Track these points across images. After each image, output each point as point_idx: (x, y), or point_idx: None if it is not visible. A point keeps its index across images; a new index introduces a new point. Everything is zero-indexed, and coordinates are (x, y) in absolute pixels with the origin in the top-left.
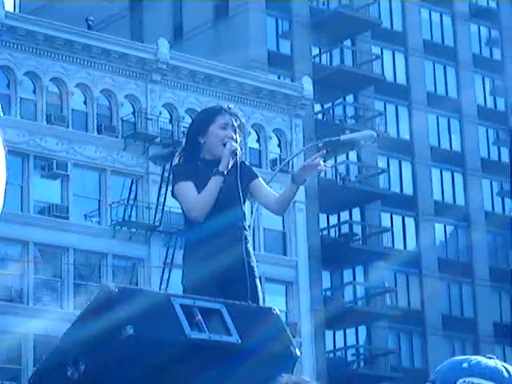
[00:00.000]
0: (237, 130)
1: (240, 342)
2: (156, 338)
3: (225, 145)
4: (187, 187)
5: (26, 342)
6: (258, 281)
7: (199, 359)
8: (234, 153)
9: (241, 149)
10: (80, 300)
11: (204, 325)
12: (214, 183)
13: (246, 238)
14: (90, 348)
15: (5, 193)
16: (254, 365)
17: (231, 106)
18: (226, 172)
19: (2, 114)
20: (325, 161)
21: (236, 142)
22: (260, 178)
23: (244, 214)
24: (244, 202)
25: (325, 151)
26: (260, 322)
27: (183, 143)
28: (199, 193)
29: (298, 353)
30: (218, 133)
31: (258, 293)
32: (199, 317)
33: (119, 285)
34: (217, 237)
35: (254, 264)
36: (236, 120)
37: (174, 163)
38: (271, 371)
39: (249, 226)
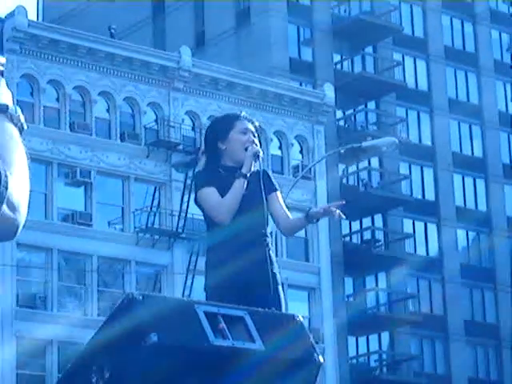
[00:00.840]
0: (255, 134)
1: (263, 349)
2: (180, 346)
3: (246, 149)
4: (210, 192)
5: (50, 348)
6: (280, 287)
7: (223, 366)
8: (256, 155)
9: (263, 152)
10: (103, 306)
11: (228, 332)
12: (238, 186)
13: (268, 245)
14: (115, 355)
15: (29, 201)
16: (277, 372)
17: (244, 113)
18: (248, 175)
19: (26, 127)
20: (347, 167)
21: (256, 145)
22: (278, 192)
23: (266, 220)
24: (266, 208)
25: (344, 202)
26: (283, 328)
27: (204, 150)
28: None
29: (322, 359)
30: (239, 138)
31: (280, 299)
32: (223, 324)
33: (143, 292)
34: (239, 243)
35: (276, 270)
36: (253, 125)
37: (196, 171)
38: (295, 378)
39: (271, 233)
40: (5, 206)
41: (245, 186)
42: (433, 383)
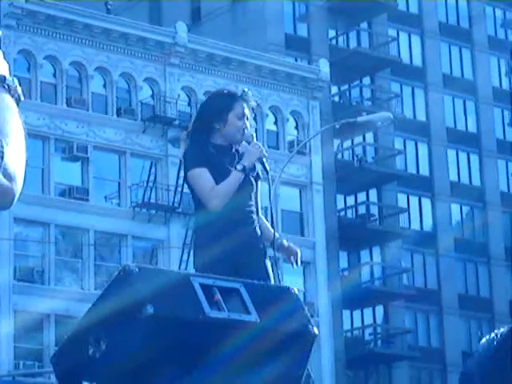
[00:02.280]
0: (248, 117)
1: (259, 320)
2: (176, 317)
3: (246, 140)
4: (202, 174)
5: (47, 322)
6: (268, 261)
7: (218, 338)
8: (260, 159)
9: (255, 132)
10: (100, 280)
11: (223, 304)
12: (235, 178)
13: (254, 222)
14: (111, 327)
15: (25, 175)
16: (272, 344)
17: (246, 89)
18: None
19: (22, 98)
20: (341, 142)
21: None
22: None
23: (255, 199)
24: (256, 190)
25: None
26: (278, 301)
27: (193, 124)
28: (214, 179)
29: (317, 331)
30: (235, 123)
31: (268, 274)
32: (218, 296)
33: (139, 264)
34: (227, 222)
35: (262, 246)
36: (250, 106)
37: (183, 146)
38: (290, 350)
39: (266, 207)
40: (1, 176)
41: (241, 180)
42: (427, 356)
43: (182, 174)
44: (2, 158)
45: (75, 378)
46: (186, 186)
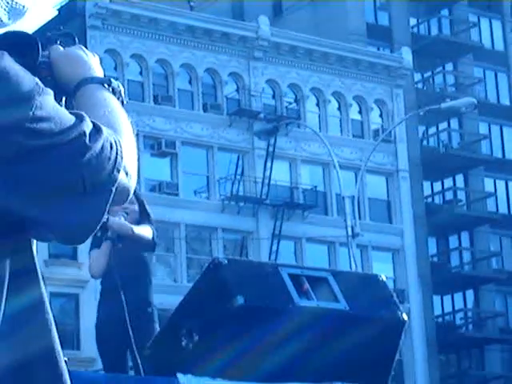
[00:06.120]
0: None
1: (348, 308)
2: (266, 307)
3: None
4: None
5: None
6: None
7: (308, 326)
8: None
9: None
10: (192, 273)
11: (312, 293)
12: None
13: None
14: (203, 319)
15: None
16: (362, 330)
17: None
18: None
19: (125, 102)
20: (427, 128)
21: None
22: None
23: None
24: None
25: None
26: (367, 288)
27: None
28: None
29: (406, 317)
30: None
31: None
32: (307, 285)
33: (228, 257)
34: None
35: None
36: None
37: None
38: (379, 336)
39: (344, 197)
40: (122, 174)
41: None
42: None
43: (268, 165)
44: (122, 158)
45: (170, 369)
46: (273, 177)
